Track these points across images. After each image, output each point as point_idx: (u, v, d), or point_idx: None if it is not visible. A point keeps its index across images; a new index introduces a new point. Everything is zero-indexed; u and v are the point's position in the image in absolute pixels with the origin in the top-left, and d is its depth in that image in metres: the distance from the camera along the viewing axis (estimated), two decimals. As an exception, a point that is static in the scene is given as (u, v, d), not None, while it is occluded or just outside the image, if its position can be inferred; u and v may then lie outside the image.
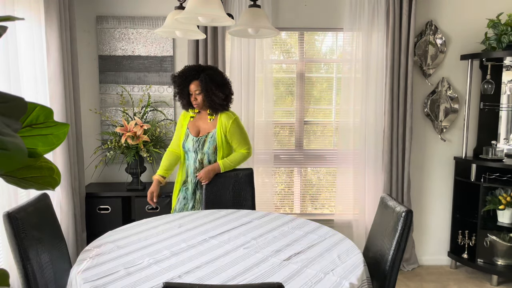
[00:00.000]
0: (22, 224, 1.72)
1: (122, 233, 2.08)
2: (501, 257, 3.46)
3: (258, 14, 2.14)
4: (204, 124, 2.74)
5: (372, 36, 3.50)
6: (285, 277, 1.59)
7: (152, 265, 1.69)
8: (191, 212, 2.50)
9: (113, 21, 3.51)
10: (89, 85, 3.57)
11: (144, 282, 1.54)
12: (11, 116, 0.67)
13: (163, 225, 2.21)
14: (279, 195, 3.88)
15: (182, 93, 2.66)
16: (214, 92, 2.60)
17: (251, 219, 2.34)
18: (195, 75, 2.62)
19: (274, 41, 3.68)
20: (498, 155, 3.45)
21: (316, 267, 1.68)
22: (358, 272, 1.64)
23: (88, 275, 1.59)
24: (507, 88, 3.56)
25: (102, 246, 1.91)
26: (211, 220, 2.32)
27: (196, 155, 2.69)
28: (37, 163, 0.85)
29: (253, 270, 1.66)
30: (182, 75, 2.64)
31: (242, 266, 1.70)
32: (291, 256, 1.80)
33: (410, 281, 3.48)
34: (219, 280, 1.56)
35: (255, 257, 1.79)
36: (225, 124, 2.67)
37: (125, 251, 1.84)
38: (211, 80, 2.60)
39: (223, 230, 2.15)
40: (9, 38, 2.41)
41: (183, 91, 2.66)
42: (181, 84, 2.64)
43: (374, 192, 3.62)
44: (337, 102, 3.73)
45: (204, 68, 2.66)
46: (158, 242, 1.96)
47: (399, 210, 1.90)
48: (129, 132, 3.23)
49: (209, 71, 2.64)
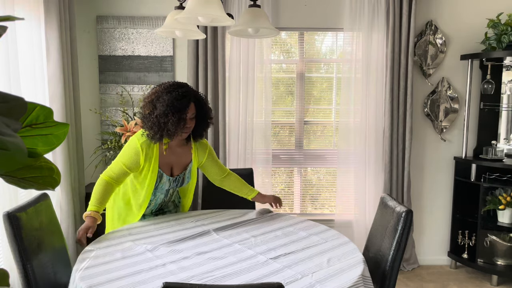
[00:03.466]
0: (22, 224, 1.72)
1: (123, 233, 2.08)
2: (501, 257, 3.46)
3: (258, 14, 2.14)
4: (176, 157, 2.26)
5: (372, 36, 3.50)
6: (261, 275, 1.60)
7: (151, 264, 1.69)
8: (210, 210, 2.50)
9: (113, 21, 3.51)
10: (89, 85, 3.57)
11: (144, 282, 1.53)
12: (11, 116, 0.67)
13: (162, 223, 2.21)
14: (279, 195, 3.88)
15: (181, 118, 2.06)
16: (210, 117, 2.24)
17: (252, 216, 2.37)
18: (189, 97, 2.09)
19: (274, 41, 3.68)
20: (498, 155, 3.45)
21: (298, 269, 1.66)
22: (342, 277, 1.58)
23: (88, 275, 1.59)
24: (507, 88, 3.56)
25: (102, 246, 1.91)
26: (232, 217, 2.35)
27: (166, 192, 2.33)
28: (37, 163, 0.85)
29: (234, 265, 1.68)
30: (182, 96, 2.05)
31: (227, 261, 1.73)
32: (280, 255, 1.80)
33: (410, 281, 3.48)
34: (194, 272, 1.62)
35: (245, 253, 1.81)
36: (201, 153, 2.34)
37: (125, 250, 1.84)
38: (205, 102, 2.22)
39: (228, 224, 2.21)
40: (9, 38, 2.41)
41: (182, 116, 2.05)
42: (183, 107, 2.05)
43: (374, 192, 3.62)
44: (337, 102, 3.73)
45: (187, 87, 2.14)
46: (158, 242, 1.95)
47: (399, 210, 1.90)
48: (129, 132, 3.23)
49: (198, 94, 2.20)
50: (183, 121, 2.06)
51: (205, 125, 2.23)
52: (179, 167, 2.28)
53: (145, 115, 2.08)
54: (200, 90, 3.45)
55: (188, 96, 2.07)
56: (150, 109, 2.06)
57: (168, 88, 2.07)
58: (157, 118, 2.02)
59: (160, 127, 2.03)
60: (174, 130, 2.05)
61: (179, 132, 2.08)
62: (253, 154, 3.56)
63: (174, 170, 2.28)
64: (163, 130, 2.04)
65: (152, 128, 2.05)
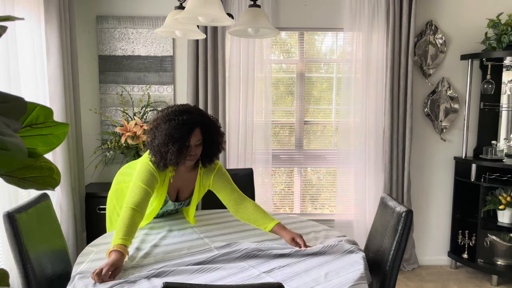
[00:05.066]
0: (22, 224, 1.72)
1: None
2: (501, 257, 3.46)
3: (258, 14, 2.14)
4: (183, 182, 2.14)
5: (372, 36, 3.50)
6: None
7: (151, 264, 1.69)
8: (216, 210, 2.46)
9: (113, 21, 3.51)
10: (89, 85, 3.57)
11: (144, 282, 1.53)
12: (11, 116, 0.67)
13: (161, 222, 2.21)
14: (279, 195, 3.88)
15: (184, 147, 1.92)
16: (219, 142, 2.06)
17: None
18: (193, 124, 1.93)
19: (274, 41, 3.68)
20: (498, 155, 3.45)
21: (292, 284, 1.52)
22: None
23: (88, 275, 1.59)
24: (507, 88, 3.56)
25: (102, 246, 1.91)
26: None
27: (171, 210, 2.31)
28: (37, 163, 0.85)
29: (224, 280, 1.54)
30: (182, 124, 1.90)
31: (217, 275, 1.58)
32: (274, 268, 1.65)
33: (410, 281, 3.48)
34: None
35: (237, 266, 1.68)
36: (206, 177, 2.15)
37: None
38: (213, 126, 2.04)
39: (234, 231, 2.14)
40: (9, 38, 2.41)
41: (184, 144, 1.91)
42: (184, 135, 1.90)
43: (374, 192, 3.62)
44: (337, 102, 3.73)
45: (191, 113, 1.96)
46: (158, 242, 1.95)
47: (399, 210, 1.90)
48: (129, 132, 3.23)
49: (205, 117, 2.01)
50: (185, 149, 1.91)
51: (214, 150, 2.05)
52: (186, 192, 2.17)
53: (148, 142, 1.98)
54: (200, 90, 3.46)
55: (190, 123, 1.91)
56: (151, 137, 1.96)
57: (168, 115, 1.93)
58: (158, 147, 1.91)
59: (162, 156, 1.92)
60: (176, 160, 1.91)
61: (182, 160, 1.94)
62: (253, 154, 3.56)
63: (180, 195, 2.18)
64: (165, 159, 1.92)
65: (155, 156, 1.94)
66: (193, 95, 3.46)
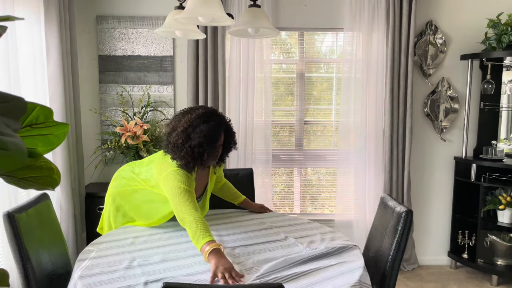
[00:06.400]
0: (22, 224, 1.72)
1: (123, 232, 2.08)
2: (501, 257, 3.46)
3: (258, 14, 2.14)
4: (199, 180, 2.19)
5: (372, 36, 3.50)
6: None
7: (151, 264, 1.69)
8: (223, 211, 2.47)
9: (113, 21, 3.51)
10: (89, 85, 3.57)
11: (144, 282, 1.53)
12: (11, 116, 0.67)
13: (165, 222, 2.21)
14: (279, 195, 3.88)
15: (219, 147, 2.03)
16: (235, 142, 2.16)
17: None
18: (222, 125, 2.05)
19: (274, 41, 3.68)
20: (498, 155, 3.45)
21: (291, 285, 1.48)
22: None
23: (88, 275, 1.59)
24: (507, 88, 3.56)
25: (102, 246, 1.91)
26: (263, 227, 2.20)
27: None
28: (37, 163, 0.85)
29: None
30: (218, 126, 2.00)
31: None
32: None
33: (410, 281, 3.48)
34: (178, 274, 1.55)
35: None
36: (214, 171, 2.28)
37: (126, 251, 1.84)
38: (232, 128, 2.15)
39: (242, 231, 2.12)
40: (9, 38, 2.41)
41: (216, 146, 2.00)
42: (219, 136, 2.02)
43: (374, 192, 3.62)
44: (337, 102, 3.73)
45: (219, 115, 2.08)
46: (158, 243, 1.95)
47: (399, 210, 1.90)
48: (129, 132, 3.23)
49: (226, 119, 2.11)
50: (218, 149, 2.01)
51: (229, 150, 2.14)
52: (199, 189, 2.20)
53: (177, 144, 1.95)
54: (200, 90, 3.46)
55: (221, 125, 2.01)
56: (183, 139, 1.95)
57: (202, 116, 1.97)
58: (191, 148, 1.92)
59: (194, 157, 1.94)
60: (211, 160, 2.00)
61: (214, 161, 2.05)
62: (253, 154, 3.56)
63: (198, 193, 2.22)
64: (197, 160, 1.95)
65: (185, 157, 1.94)
66: (193, 95, 3.46)
